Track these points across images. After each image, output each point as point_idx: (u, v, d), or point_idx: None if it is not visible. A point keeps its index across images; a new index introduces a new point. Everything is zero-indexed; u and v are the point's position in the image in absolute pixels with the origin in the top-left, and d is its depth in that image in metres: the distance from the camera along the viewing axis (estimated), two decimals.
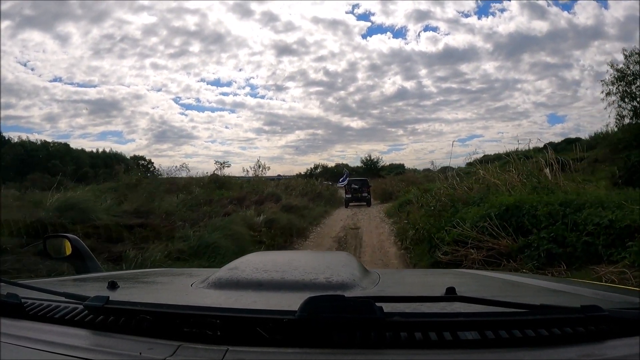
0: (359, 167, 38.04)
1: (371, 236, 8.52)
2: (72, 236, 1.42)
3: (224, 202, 10.06)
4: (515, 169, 6.92)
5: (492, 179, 6.93)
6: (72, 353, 0.58)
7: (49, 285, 0.88)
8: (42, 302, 0.75)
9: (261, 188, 13.92)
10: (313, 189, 17.91)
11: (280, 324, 0.59)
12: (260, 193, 12.61)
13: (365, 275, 0.99)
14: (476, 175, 7.70)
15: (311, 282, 0.86)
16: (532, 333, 0.59)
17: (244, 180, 16.90)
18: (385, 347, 0.58)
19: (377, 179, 25.61)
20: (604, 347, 0.58)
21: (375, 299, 0.61)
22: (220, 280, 0.90)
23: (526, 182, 6.35)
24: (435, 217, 6.19)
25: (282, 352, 0.58)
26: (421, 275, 1.65)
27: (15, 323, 0.70)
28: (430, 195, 7.89)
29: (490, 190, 6.45)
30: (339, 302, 0.60)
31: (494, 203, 5.14)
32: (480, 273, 1.51)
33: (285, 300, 0.78)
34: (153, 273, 1.50)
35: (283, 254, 2.06)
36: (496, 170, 7.41)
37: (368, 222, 11.08)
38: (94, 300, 0.68)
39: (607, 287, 1.14)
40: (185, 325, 0.63)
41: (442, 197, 7.14)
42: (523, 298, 0.87)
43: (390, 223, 10.35)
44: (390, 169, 34.91)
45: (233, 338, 0.60)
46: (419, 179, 18.72)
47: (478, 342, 0.58)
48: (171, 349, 0.58)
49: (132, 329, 0.64)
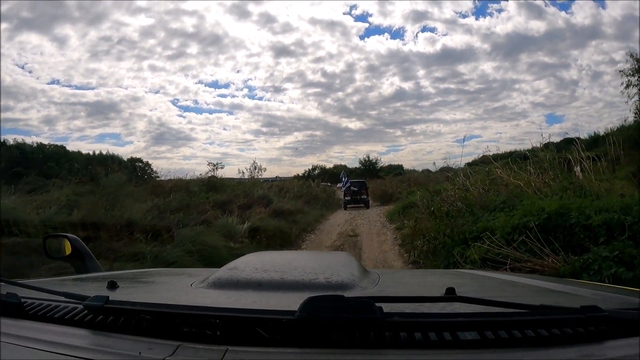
0: (357, 168, 37.67)
1: (372, 245, 7.72)
2: (72, 236, 1.42)
3: (205, 207, 8.98)
4: (536, 168, 5.78)
5: (512, 178, 5.79)
6: (72, 353, 0.58)
7: (48, 285, 0.88)
8: (42, 301, 0.75)
9: (252, 190, 13.15)
10: (309, 191, 17.18)
11: (279, 324, 0.59)
12: (250, 196, 11.66)
13: (365, 275, 0.99)
14: (491, 174, 6.55)
15: (311, 282, 0.86)
16: (531, 333, 0.59)
17: (238, 182, 16.46)
18: (385, 347, 0.58)
19: (375, 180, 24.99)
20: (604, 348, 0.58)
21: (375, 299, 0.61)
22: (220, 280, 0.90)
23: (551, 183, 5.21)
24: (450, 225, 5.18)
25: (282, 352, 0.58)
26: (421, 276, 1.65)
27: (15, 323, 0.70)
28: (440, 198, 6.82)
29: (513, 192, 5.38)
30: (339, 302, 0.60)
31: (530, 209, 4.02)
32: (480, 273, 1.51)
33: (285, 300, 0.78)
34: (153, 273, 1.49)
35: (283, 254, 2.06)
36: (512, 169, 6.25)
37: (368, 228, 10.22)
38: (93, 300, 0.68)
39: (607, 288, 1.14)
40: (185, 325, 0.63)
41: (455, 200, 6.19)
42: (523, 298, 0.87)
43: (392, 229, 9.43)
44: (388, 169, 34.49)
45: (233, 338, 0.60)
46: (420, 180, 17.88)
47: (478, 343, 0.58)
48: (171, 348, 0.58)
49: (132, 329, 0.65)
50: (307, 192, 16.64)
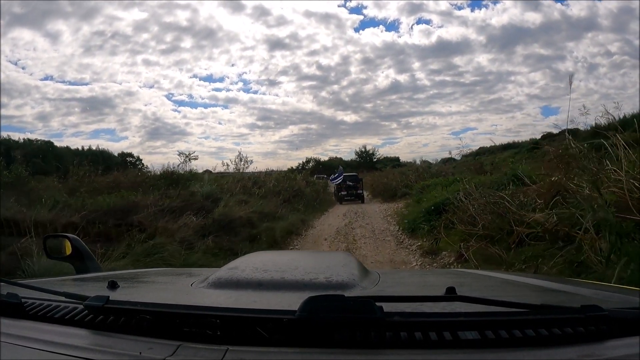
0: (353, 161, 36.94)
1: None
2: (72, 236, 1.42)
3: None
4: None
5: None
6: (72, 353, 0.58)
7: (49, 285, 0.88)
8: (42, 302, 0.75)
9: (190, 185, 9.67)
10: (290, 186, 13.31)
11: (280, 323, 0.60)
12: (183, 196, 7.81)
13: (365, 275, 0.99)
14: None
15: (311, 281, 0.86)
16: (532, 333, 0.59)
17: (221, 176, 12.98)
18: (385, 347, 0.58)
19: (373, 173, 23.75)
20: (604, 347, 0.58)
21: (375, 298, 0.61)
22: (220, 280, 0.90)
23: None
24: None
25: (282, 352, 0.58)
26: (421, 275, 1.65)
27: (15, 323, 0.70)
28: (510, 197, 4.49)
29: None
30: (339, 301, 0.60)
31: None
32: (480, 273, 1.51)
33: (285, 300, 0.78)
34: (153, 273, 1.50)
35: (283, 253, 2.07)
36: None
37: (374, 247, 6.46)
38: (94, 300, 0.68)
39: (607, 287, 1.14)
40: (185, 325, 0.63)
41: None
42: (523, 298, 0.87)
43: (416, 250, 5.92)
44: (385, 162, 34.18)
45: (233, 338, 0.60)
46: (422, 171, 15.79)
47: (478, 342, 0.58)
48: (171, 348, 0.58)
49: (132, 329, 0.65)
50: (289, 188, 12.95)
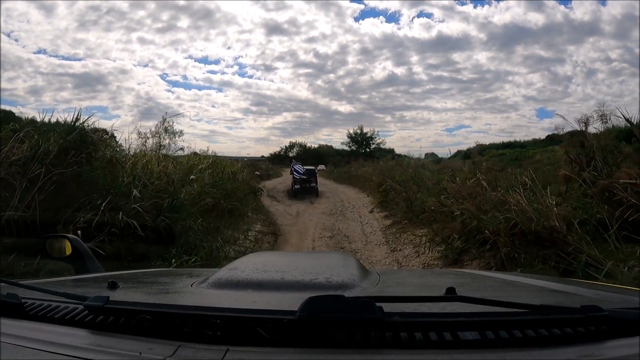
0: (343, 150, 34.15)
1: None
2: (72, 236, 1.43)
3: None
4: None
5: None
6: (72, 353, 0.58)
7: (49, 285, 0.88)
8: (42, 302, 0.75)
9: None
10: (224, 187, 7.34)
11: (280, 324, 0.60)
12: None
13: (365, 275, 0.99)
14: None
15: (311, 282, 0.86)
16: (532, 333, 0.59)
17: None
18: (385, 347, 0.58)
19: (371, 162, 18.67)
20: (604, 348, 0.58)
21: (375, 299, 0.61)
22: (220, 281, 0.90)
23: None
24: None
25: (282, 352, 0.58)
26: (421, 276, 1.65)
27: (15, 323, 0.70)
28: None
29: None
30: (339, 302, 0.60)
31: None
32: (480, 273, 1.52)
33: (285, 300, 0.78)
34: (153, 273, 1.50)
35: (283, 254, 2.07)
36: None
37: None
38: (94, 300, 0.68)
39: (607, 287, 1.14)
40: (185, 325, 0.63)
41: None
42: (523, 298, 0.87)
43: None
44: (380, 152, 32.47)
45: (233, 338, 0.60)
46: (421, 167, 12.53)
47: (478, 342, 0.58)
48: (171, 349, 0.58)
49: (132, 329, 0.65)
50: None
